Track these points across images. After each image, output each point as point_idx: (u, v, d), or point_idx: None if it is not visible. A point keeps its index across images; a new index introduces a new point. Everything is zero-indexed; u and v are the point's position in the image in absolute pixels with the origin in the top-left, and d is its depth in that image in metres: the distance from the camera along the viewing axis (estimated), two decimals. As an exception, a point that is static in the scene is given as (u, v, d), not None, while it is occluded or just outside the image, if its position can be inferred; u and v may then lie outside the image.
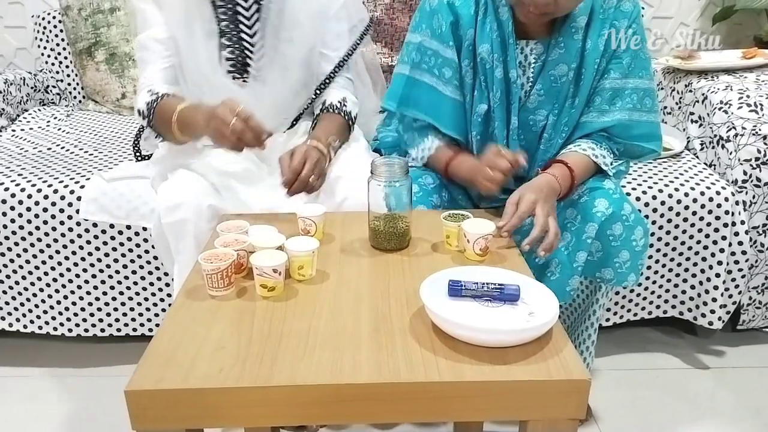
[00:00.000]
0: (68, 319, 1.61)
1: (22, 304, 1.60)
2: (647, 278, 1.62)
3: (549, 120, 1.30)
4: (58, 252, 1.53)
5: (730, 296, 1.62)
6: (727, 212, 1.54)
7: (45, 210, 1.50)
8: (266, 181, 1.42)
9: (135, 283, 1.56)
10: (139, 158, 1.62)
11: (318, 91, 1.51)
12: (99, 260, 1.53)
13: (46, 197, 1.50)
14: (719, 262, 1.57)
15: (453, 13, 1.26)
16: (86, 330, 1.62)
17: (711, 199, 1.54)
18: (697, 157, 1.73)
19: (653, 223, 1.54)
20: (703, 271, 1.60)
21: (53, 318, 1.61)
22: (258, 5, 1.42)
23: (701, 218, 1.55)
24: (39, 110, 2.16)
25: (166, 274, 1.54)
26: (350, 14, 1.55)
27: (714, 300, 1.60)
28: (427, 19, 1.29)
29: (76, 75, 2.23)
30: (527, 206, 1.12)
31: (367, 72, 1.71)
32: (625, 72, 1.28)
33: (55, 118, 2.10)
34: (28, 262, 1.55)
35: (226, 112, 1.16)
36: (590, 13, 1.24)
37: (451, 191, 1.38)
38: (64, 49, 2.22)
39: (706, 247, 1.58)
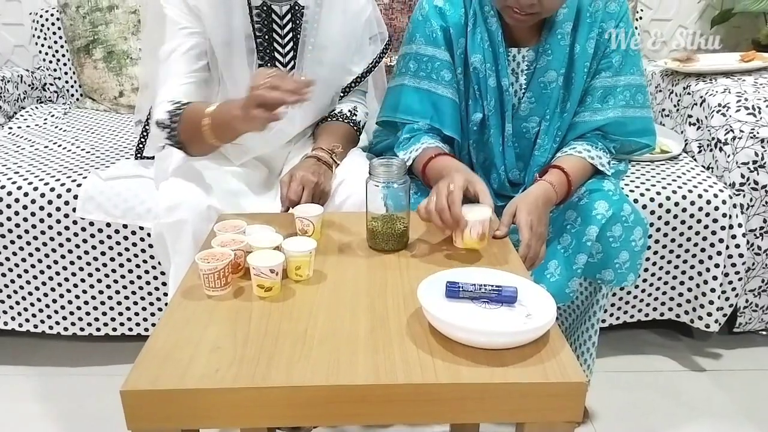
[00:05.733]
0: (64, 318, 1.60)
1: (17, 303, 1.59)
2: (644, 280, 1.62)
3: (542, 126, 1.31)
4: (54, 251, 1.53)
5: (727, 299, 1.62)
6: (724, 215, 1.54)
7: (42, 208, 1.50)
8: (268, 185, 1.41)
9: (131, 282, 1.56)
10: (140, 156, 1.61)
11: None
12: (95, 259, 1.53)
13: (42, 195, 1.50)
14: (716, 265, 1.57)
15: (444, 20, 1.28)
16: (82, 329, 1.61)
17: (708, 202, 1.54)
18: (695, 159, 1.73)
19: (651, 225, 1.54)
20: (700, 273, 1.60)
21: (49, 317, 1.60)
22: (293, 25, 1.38)
23: (698, 221, 1.55)
24: (36, 108, 2.15)
25: (162, 273, 1.53)
26: (372, 28, 1.52)
27: (711, 302, 1.60)
28: (421, 28, 1.31)
29: (74, 73, 2.22)
30: (524, 222, 1.14)
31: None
32: (615, 70, 1.29)
33: (53, 116, 2.09)
34: (23, 260, 1.54)
35: (259, 77, 1.05)
36: (576, 17, 1.25)
37: None
38: (62, 46, 2.21)
39: (703, 250, 1.58)
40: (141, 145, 1.61)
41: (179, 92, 1.29)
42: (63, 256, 1.53)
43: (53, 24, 2.19)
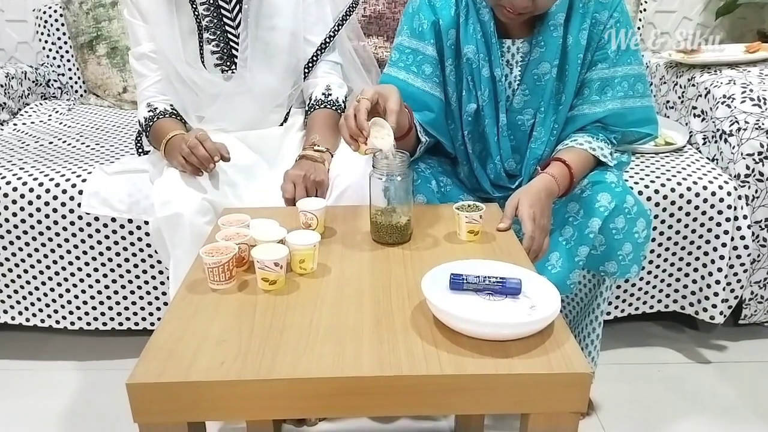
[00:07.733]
0: (71, 313, 1.61)
1: (24, 298, 1.60)
2: (649, 272, 1.62)
3: (537, 118, 1.31)
4: (60, 245, 1.53)
5: (732, 291, 1.62)
6: (729, 207, 1.54)
7: (47, 204, 1.50)
8: (264, 176, 1.42)
9: (137, 277, 1.56)
10: (141, 152, 1.62)
11: (305, 76, 1.54)
12: (101, 254, 1.54)
13: (48, 191, 1.51)
14: (721, 257, 1.57)
15: (434, 13, 1.28)
16: (88, 323, 1.62)
17: (713, 194, 1.53)
18: (700, 151, 1.73)
19: (655, 217, 1.54)
20: (705, 265, 1.60)
21: (55, 311, 1.61)
22: None
23: (703, 212, 1.55)
24: (40, 104, 2.16)
25: (167, 268, 1.54)
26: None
27: (716, 294, 1.59)
28: (409, 21, 1.31)
29: (78, 69, 2.23)
30: (526, 214, 1.14)
31: (359, 59, 1.70)
32: (612, 62, 1.28)
33: (57, 112, 2.09)
34: (30, 255, 1.55)
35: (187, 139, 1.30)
36: (569, 8, 1.24)
37: (447, 176, 1.38)
38: (66, 43, 2.21)
39: (708, 242, 1.57)
40: (139, 141, 1.63)
41: (153, 91, 1.49)
42: (69, 251, 1.54)
43: (56, 20, 2.20)
